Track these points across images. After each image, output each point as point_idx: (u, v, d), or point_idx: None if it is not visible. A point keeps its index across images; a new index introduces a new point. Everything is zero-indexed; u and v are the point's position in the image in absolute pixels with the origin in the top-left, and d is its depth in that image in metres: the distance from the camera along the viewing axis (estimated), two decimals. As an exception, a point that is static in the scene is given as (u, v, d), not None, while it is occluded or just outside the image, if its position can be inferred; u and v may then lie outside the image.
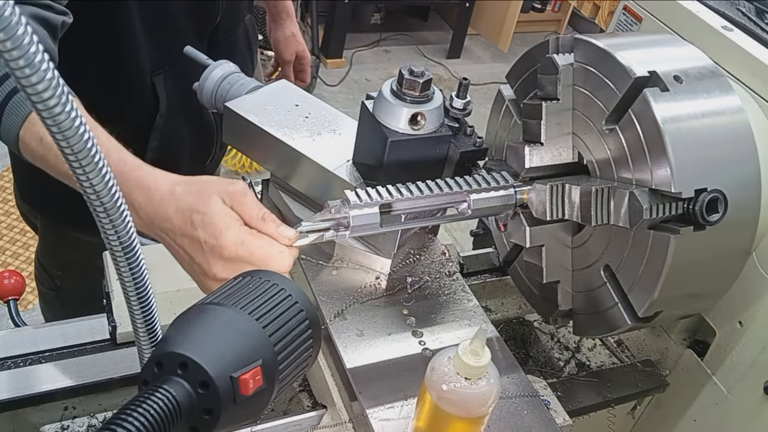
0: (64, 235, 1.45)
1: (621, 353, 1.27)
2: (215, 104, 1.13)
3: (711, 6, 1.16)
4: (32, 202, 1.46)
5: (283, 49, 1.68)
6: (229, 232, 0.77)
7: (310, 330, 0.63)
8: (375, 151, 0.94)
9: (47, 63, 0.44)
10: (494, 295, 1.30)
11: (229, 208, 0.78)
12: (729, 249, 0.89)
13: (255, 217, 0.79)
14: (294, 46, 1.67)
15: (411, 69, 0.91)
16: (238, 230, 0.77)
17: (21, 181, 1.46)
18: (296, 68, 1.71)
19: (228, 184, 0.80)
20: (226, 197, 0.79)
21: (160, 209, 0.79)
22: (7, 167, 3.17)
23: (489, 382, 0.75)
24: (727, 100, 0.86)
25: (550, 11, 5.48)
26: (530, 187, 0.92)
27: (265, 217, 0.79)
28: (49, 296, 1.58)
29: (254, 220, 0.79)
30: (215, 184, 0.80)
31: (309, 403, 1.04)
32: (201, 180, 0.81)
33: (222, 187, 0.79)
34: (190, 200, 0.78)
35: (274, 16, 1.66)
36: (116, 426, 0.47)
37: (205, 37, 1.34)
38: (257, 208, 0.79)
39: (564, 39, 0.94)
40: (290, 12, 1.67)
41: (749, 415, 1.09)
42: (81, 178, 0.52)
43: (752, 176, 0.85)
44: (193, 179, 0.81)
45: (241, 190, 0.79)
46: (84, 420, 1.01)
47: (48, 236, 1.51)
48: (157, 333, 0.68)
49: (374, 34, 4.88)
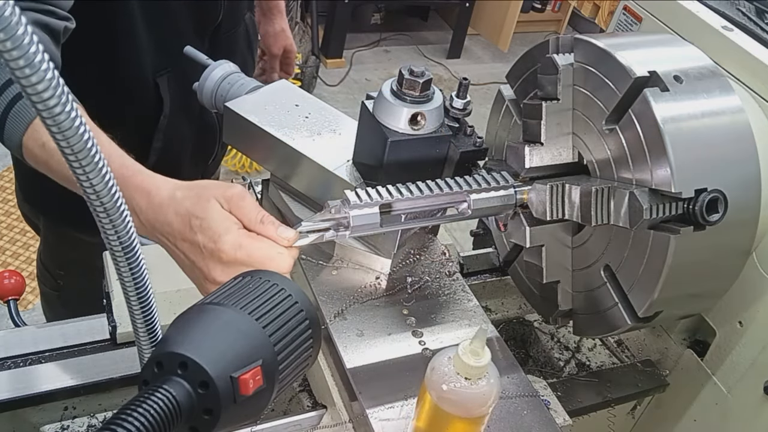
0: (66, 235, 1.45)
1: (621, 353, 1.27)
2: (215, 104, 1.13)
3: (711, 6, 1.16)
4: (34, 204, 1.46)
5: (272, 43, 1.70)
6: (228, 236, 0.77)
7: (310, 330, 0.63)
8: (375, 151, 0.94)
9: (47, 63, 0.44)
10: (494, 295, 1.30)
11: (228, 212, 0.78)
12: (729, 249, 0.89)
13: (254, 220, 0.79)
14: (283, 40, 1.70)
15: (411, 69, 0.91)
16: (236, 234, 0.77)
17: (23, 183, 1.47)
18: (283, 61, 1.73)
19: (226, 188, 0.80)
20: (224, 201, 0.79)
21: (161, 214, 0.80)
22: (7, 167, 3.17)
23: (489, 382, 0.75)
24: (727, 100, 0.86)
25: (550, 11, 5.48)
26: (530, 187, 0.92)
27: (264, 219, 0.79)
28: (51, 296, 1.59)
29: (253, 222, 0.79)
30: (213, 189, 0.80)
31: (309, 403, 1.04)
32: (200, 184, 0.81)
33: (220, 191, 0.79)
34: (188, 205, 0.78)
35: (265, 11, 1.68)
36: (116, 426, 0.47)
37: (207, 37, 1.34)
38: (256, 210, 0.79)
39: (564, 39, 0.94)
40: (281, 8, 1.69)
41: (749, 415, 1.09)
42: (81, 179, 0.52)
43: (752, 176, 0.85)
44: (193, 184, 0.82)
45: (239, 194, 0.79)
46: (84, 420, 1.01)
47: (50, 237, 1.51)
48: (157, 333, 0.68)
49: (374, 34, 4.88)
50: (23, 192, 1.47)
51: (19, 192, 1.49)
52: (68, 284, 1.53)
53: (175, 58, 1.24)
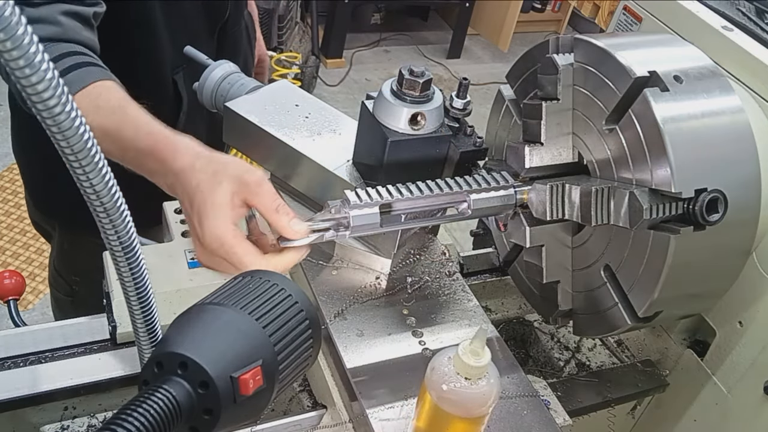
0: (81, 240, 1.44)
1: (621, 353, 1.27)
2: (215, 104, 1.13)
3: (711, 6, 1.16)
4: (46, 210, 1.46)
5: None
6: (215, 221, 0.77)
7: (310, 330, 0.63)
8: (375, 151, 0.94)
9: (47, 63, 0.44)
10: (494, 295, 1.30)
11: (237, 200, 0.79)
12: (729, 249, 0.89)
13: (269, 208, 0.79)
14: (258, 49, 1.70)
15: (411, 69, 0.91)
16: (223, 228, 0.77)
17: (33, 190, 1.46)
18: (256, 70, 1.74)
19: (245, 172, 0.80)
20: (238, 186, 0.79)
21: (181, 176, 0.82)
22: (7, 167, 3.17)
23: (489, 382, 0.75)
24: (727, 100, 0.86)
25: (550, 11, 5.47)
26: (530, 187, 0.92)
27: (280, 209, 0.79)
28: (65, 302, 1.58)
29: (269, 211, 0.79)
30: (232, 169, 0.80)
31: (309, 403, 1.04)
32: (220, 161, 0.82)
33: (238, 172, 0.80)
34: (200, 178, 0.79)
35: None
36: (116, 426, 0.47)
37: (215, 34, 1.35)
38: (272, 198, 0.79)
39: (564, 39, 0.94)
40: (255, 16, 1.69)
41: (749, 415, 1.09)
42: (81, 178, 0.52)
43: (752, 176, 0.85)
44: (214, 158, 0.82)
45: (257, 181, 0.79)
46: (84, 420, 1.01)
47: (65, 244, 1.51)
48: (157, 333, 0.68)
49: (374, 34, 4.87)
50: (34, 199, 1.47)
51: (29, 200, 1.49)
52: (83, 289, 1.52)
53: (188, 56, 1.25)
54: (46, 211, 1.47)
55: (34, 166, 1.41)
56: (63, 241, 1.51)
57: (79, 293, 1.54)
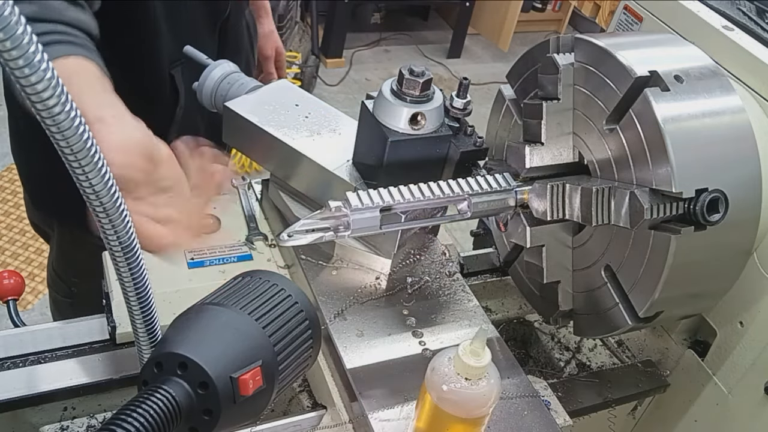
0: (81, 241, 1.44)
1: (621, 353, 1.27)
2: (215, 104, 1.13)
3: (712, 6, 1.16)
4: (46, 209, 1.45)
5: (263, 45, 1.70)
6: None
7: (310, 330, 0.63)
8: (375, 151, 0.94)
9: (47, 63, 0.44)
10: (494, 296, 1.30)
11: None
12: (730, 249, 0.89)
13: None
14: (273, 41, 1.69)
15: (411, 69, 0.91)
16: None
17: (33, 190, 1.45)
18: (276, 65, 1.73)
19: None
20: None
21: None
22: (6, 167, 3.16)
23: (489, 382, 0.75)
24: (728, 99, 0.86)
25: (551, 11, 5.47)
26: (530, 187, 0.92)
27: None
28: (64, 303, 1.58)
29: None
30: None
31: (309, 404, 1.04)
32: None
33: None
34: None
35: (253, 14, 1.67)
36: (116, 426, 0.47)
37: (216, 30, 1.35)
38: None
39: (564, 39, 0.94)
40: (268, 10, 1.69)
41: (750, 416, 1.09)
42: (81, 178, 0.52)
43: (753, 176, 0.85)
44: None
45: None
46: (84, 420, 1.01)
47: (64, 244, 1.50)
48: (157, 333, 0.67)
49: (374, 34, 4.87)
50: (33, 199, 1.46)
51: (28, 200, 1.48)
52: (82, 290, 1.52)
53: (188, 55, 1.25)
54: (45, 211, 1.46)
55: (33, 166, 1.41)
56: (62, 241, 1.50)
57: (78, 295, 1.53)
